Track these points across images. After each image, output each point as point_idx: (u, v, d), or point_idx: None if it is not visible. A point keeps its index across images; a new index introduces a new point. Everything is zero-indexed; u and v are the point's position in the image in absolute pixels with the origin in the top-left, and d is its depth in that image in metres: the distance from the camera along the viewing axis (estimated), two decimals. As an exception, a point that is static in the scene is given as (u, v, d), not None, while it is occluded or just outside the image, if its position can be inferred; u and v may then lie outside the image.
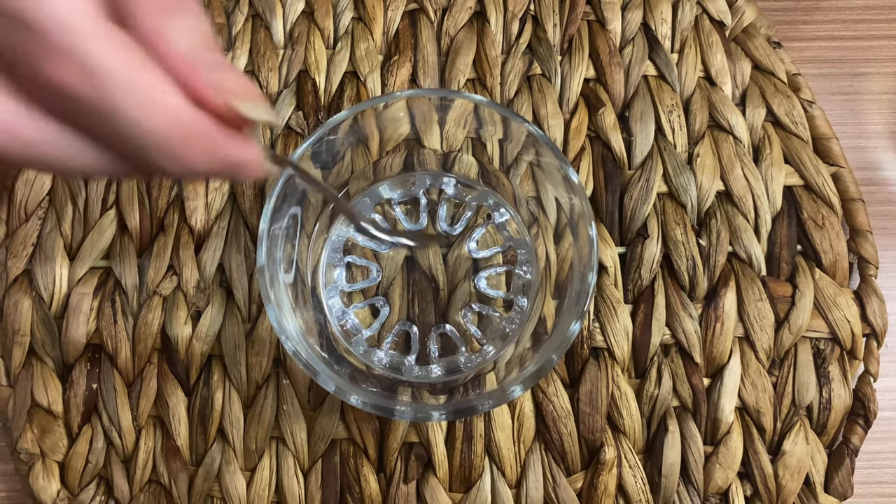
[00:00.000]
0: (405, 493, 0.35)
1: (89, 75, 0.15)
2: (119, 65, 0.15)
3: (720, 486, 0.35)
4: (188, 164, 0.18)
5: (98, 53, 0.15)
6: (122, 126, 0.16)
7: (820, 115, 0.40)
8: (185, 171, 0.18)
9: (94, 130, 0.16)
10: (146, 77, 0.16)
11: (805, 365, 0.36)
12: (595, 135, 0.39)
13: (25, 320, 0.36)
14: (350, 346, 0.35)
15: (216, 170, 0.18)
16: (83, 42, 0.15)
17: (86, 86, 0.15)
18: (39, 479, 0.35)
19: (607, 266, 0.37)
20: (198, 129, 0.17)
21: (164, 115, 0.16)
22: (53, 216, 0.38)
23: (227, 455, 0.35)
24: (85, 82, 0.15)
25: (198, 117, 0.17)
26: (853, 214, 0.38)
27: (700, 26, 0.41)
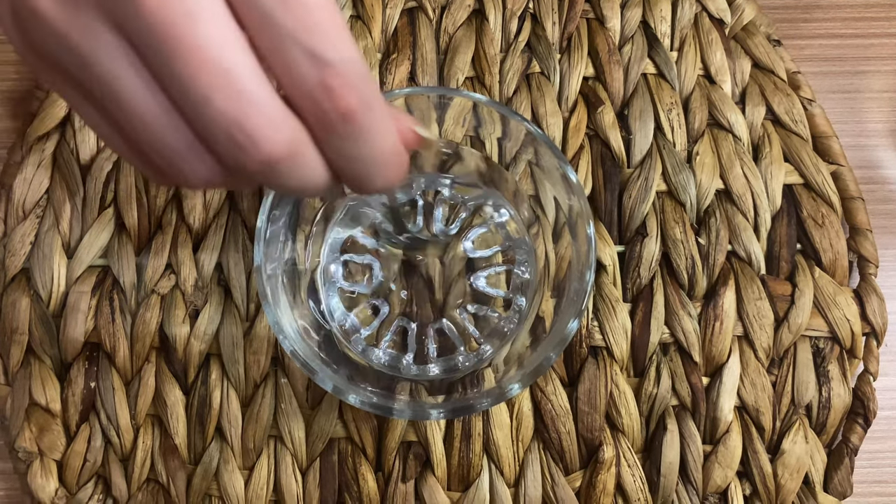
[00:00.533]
0: (403, 492, 0.35)
1: (369, 107, 0.18)
2: (380, 98, 0.19)
3: (719, 486, 0.35)
4: (388, 183, 0.21)
5: (374, 88, 0.19)
6: (365, 149, 0.19)
7: (820, 113, 0.40)
8: (385, 187, 0.21)
9: (339, 152, 0.19)
10: (388, 110, 0.20)
11: (804, 364, 0.36)
12: (594, 133, 0.39)
13: (23, 319, 0.36)
14: (349, 345, 0.35)
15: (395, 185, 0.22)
16: (367, 78, 0.18)
17: (365, 115, 0.18)
18: (37, 477, 0.35)
19: (606, 265, 0.37)
20: (402, 154, 0.21)
21: (394, 141, 0.20)
22: (51, 214, 0.38)
23: (225, 454, 0.35)
24: (365, 111, 0.18)
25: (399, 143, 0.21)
26: (853, 213, 0.38)
27: (699, 24, 0.41)
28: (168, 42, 0.16)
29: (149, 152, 0.18)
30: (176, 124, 0.17)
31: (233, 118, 0.17)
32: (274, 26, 0.17)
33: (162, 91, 0.17)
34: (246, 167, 0.18)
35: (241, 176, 0.19)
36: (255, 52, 0.17)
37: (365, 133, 0.19)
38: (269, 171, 0.18)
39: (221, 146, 0.17)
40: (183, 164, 0.18)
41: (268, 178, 0.19)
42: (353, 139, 0.19)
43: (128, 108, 0.17)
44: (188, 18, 0.16)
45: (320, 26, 0.17)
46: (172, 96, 0.17)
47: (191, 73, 0.16)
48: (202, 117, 0.17)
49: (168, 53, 0.16)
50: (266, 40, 0.17)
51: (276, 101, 0.17)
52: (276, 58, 0.17)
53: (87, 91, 0.18)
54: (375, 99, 0.19)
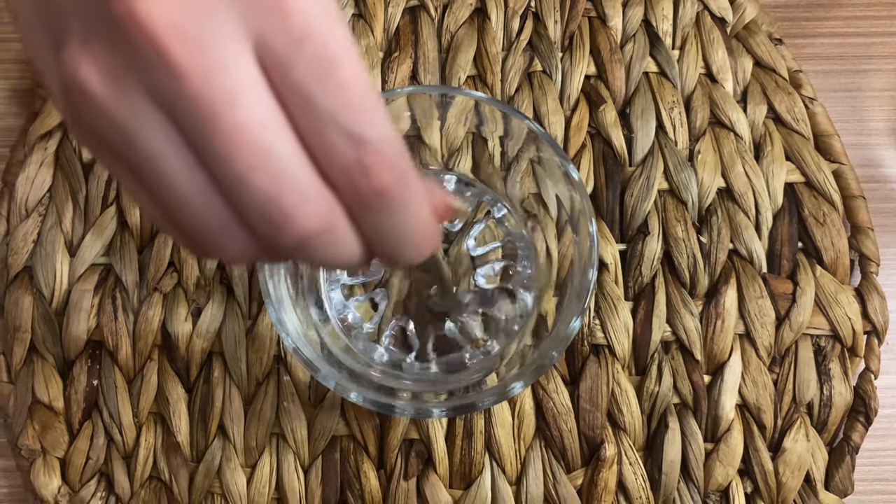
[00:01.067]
0: (405, 489, 0.35)
1: (404, 183, 0.19)
2: (414, 173, 0.19)
3: (720, 484, 0.35)
4: (421, 256, 0.22)
5: (409, 165, 0.19)
6: (400, 224, 0.20)
7: (821, 111, 0.40)
8: (416, 259, 0.22)
9: (374, 227, 0.20)
10: (421, 185, 0.20)
11: (806, 362, 0.36)
12: (596, 132, 0.39)
13: (26, 317, 0.36)
14: (350, 343, 0.35)
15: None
16: (403, 156, 0.19)
17: (400, 192, 0.19)
18: (40, 475, 0.35)
19: (608, 263, 0.37)
20: (435, 226, 0.22)
21: (427, 215, 0.21)
22: (54, 213, 0.38)
23: (227, 452, 0.35)
24: (401, 188, 0.19)
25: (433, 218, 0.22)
26: (854, 211, 0.38)
27: (701, 23, 0.41)
28: (209, 122, 0.16)
29: (187, 228, 0.19)
30: (213, 202, 0.18)
31: (268, 196, 0.17)
32: (312, 106, 0.17)
33: (201, 169, 0.17)
34: (281, 243, 0.18)
35: (276, 252, 0.19)
36: (293, 130, 0.17)
37: (400, 209, 0.19)
38: (304, 247, 0.18)
39: (257, 223, 0.18)
40: (220, 239, 0.19)
41: (302, 254, 0.19)
42: (388, 215, 0.19)
43: (168, 185, 0.18)
44: (230, 99, 0.16)
45: (357, 106, 0.17)
46: (211, 174, 0.17)
47: (230, 152, 0.16)
48: (239, 195, 0.17)
49: (209, 133, 0.16)
50: (304, 120, 0.17)
51: (313, 179, 0.18)
52: (314, 136, 0.18)
53: (130, 166, 0.18)
54: (411, 175, 0.19)
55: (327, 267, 0.20)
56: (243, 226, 0.18)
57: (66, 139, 0.39)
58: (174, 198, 0.18)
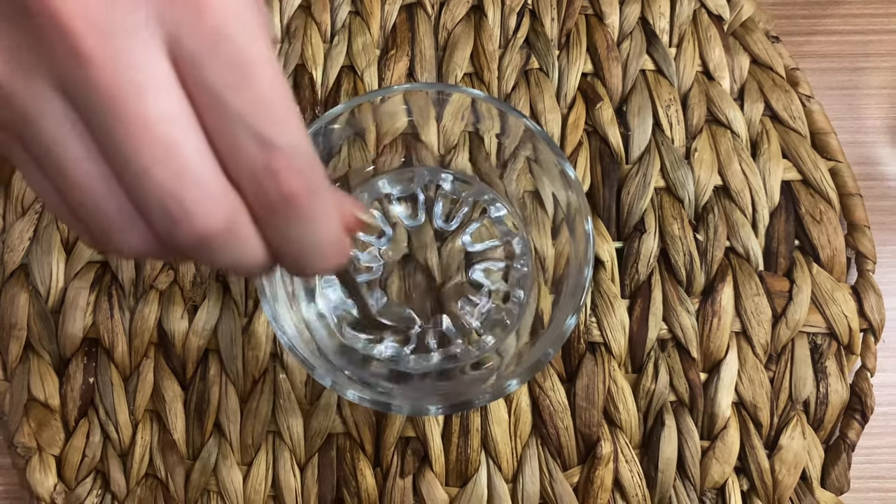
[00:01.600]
0: (402, 487, 0.35)
1: (313, 192, 0.18)
2: (325, 184, 0.19)
3: (717, 481, 0.35)
4: (327, 268, 0.21)
5: (319, 174, 0.19)
6: (307, 234, 0.19)
7: (818, 109, 0.40)
8: (322, 271, 0.21)
9: (280, 235, 0.19)
10: (331, 196, 0.20)
11: (802, 360, 0.36)
12: (592, 129, 0.39)
13: (22, 314, 0.36)
14: (347, 340, 0.35)
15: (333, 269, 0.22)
16: (313, 164, 0.19)
17: (308, 200, 0.18)
18: (36, 472, 0.35)
19: (604, 261, 0.37)
20: (343, 240, 0.22)
21: (336, 227, 0.21)
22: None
23: (223, 449, 0.35)
24: (309, 196, 0.18)
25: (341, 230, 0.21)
26: (851, 209, 0.38)
27: (698, 20, 0.41)
28: (113, 112, 0.16)
29: (84, 218, 0.18)
30: (114, 194, 0.18)
31: (169, 191, 0.17)
32: (223, 107, 0.17)
33: (103, 160, 0.17)
34: (179, 241, 0.18)
35: (175, 249, 0.19)
36: (202, 130, 0.17)
37: (307, 218, 0.19)
38: (203, 247, 0.18)
39: (156, 218, 0.17)
40: (117, 233, 0.18)
41: (201, 254, 0.19)
42: (294, 223, 0.19)
43: (68, 175, 0.17)
44: (136, 91, 0.16)
45: (269, 110, 0.17)
46: (113, 165, 0.17)
47: (132, 144, 0.16)
48: (139, 188, 0.17)
49: (112, 124, 0.16)
50: (213, 119, 0.17)
51: (218, 178, 0.17)
52: (223, 137, 0.17)
53: (31, 155, 0.18)
54: (321, 185, 0.19)
55: (227, 270, 0.20)
56: (143, 220, 0.18)
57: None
58: (74, 188, 0.18)
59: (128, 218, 0.18)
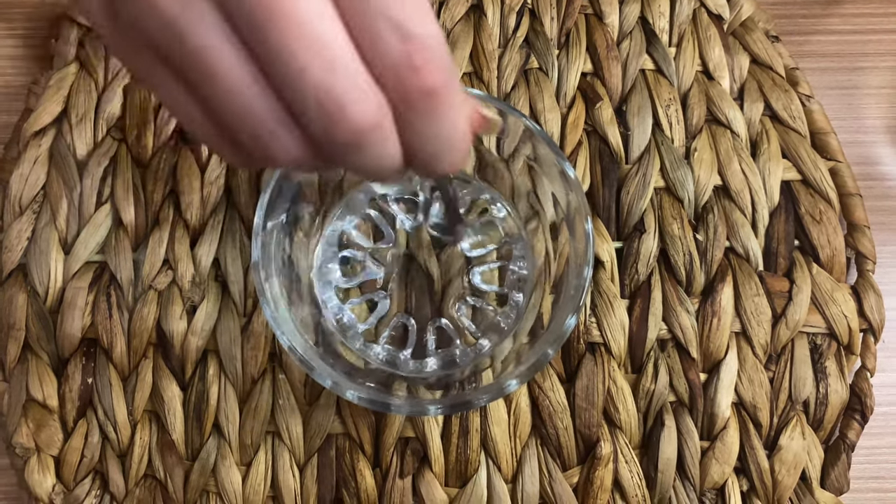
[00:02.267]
0: (401, 487, 0.35)
1: (449, 86, 0.19)
2: (458, 77, 0.20)
3: (716, 482, 0.35)
4: (455, 166, 0.21)
5: (454, 68, 0.19)
6: (442, 128, 0.20)
7: (818, 109, 0.40)
8: (450, 169, 0.21)
9: (417, 130, 0.19)
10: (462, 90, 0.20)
11: (802, 360, 0.36)
12: (592, 129, 0.39)
13: (20, 315, 0.36)
14: (346, 341, 0.35)
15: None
16: (448, 57, 0.19)
17: (446, 94, 0.19)
18: (35, 473, 0.35)
19: (604, 261, 0.37)
20: (469, 135, 0.21)
21: (466, 122, 0.21)
22: (48, 210, 0.38)
23: (222, 450, 0.35)
24: (447, 90, 0.19)
25: None
26: (851, 209, 0.38)
27: (698, 20, 0.41)
28: (265, 11, 0.16)
29: (237, 128, 0.19)
30: (267, 95, 0.18)
31: (325, 87, 0.17)
32: (363, 0, 0.17)
33: (254, 62, 0.17)
34: (335, 138, 0.18)
35: (328, 150, 0.19)
36: (345, 25, 0.17)
37: (444, 112, 0.19)
38: (354, 145, 0.18)
39: (312, 116, 0.18)
40: (271, 137, 0.19)
41: (351, 154, 0.19)
42: (432, 117, 0.19)
43: (220, 80, 0.18)
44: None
45: (406, 1, 0.18)
46: (265, 66, 0.17)
47: (286, 43, 0.17)
48: (295, 86, 0.17)
49: (264, 23, 0.16)
50: (355, 14, 0.17)
51: (366, 75, 0.18)
52: (364, 31, 0.17)
53: (176, 66, 0.18)
54: (455, 79, 0.19)
55: (364, 173, 0.21)
56: (295, 123, 0.18)
57: (60, 136, 0.39)
58: (226, 95, 0.18)
59: (282, 121, 0.18)
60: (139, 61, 0.19)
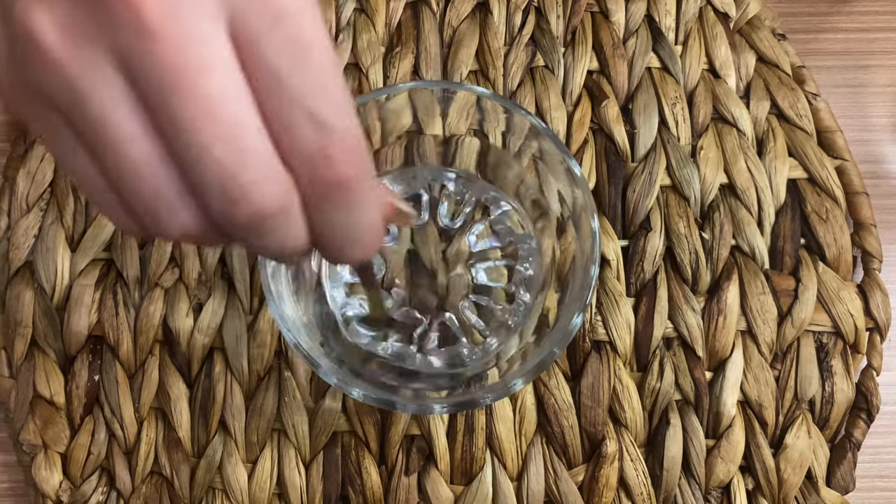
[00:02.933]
0: (406, 485, 0.35)
1: (363, 178, 0.19)
2: (372, 171, 0.20)
3: (722, 480, 0.35)
4: (364, 255, 0.21)
5: (368, 160, 0.19)
6: (353, 219, 0.20)
7: (824, 107, 0.39)
8: (359, 259, 0.21)
9: (326, 219, 0.19)
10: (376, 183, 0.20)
11: (808, 359, 0.36)
12: (598, 127, 0.39)
13: (27, 312, 0.36)
14: (353, 338, 0.35)
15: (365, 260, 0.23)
16: (364, 150, 0.19)
17: (359, 186, 0.19)
18: (42, 470, 0.35)
19: (610, 259, 0.37)
20: (381, 227, 0.22)
21: (378, 214, 0.21)
22: (55, 208, 0.38)
23: (228, 447, 0.35)
24: (359, 183, 0.19)
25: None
26: (857, 208, 0.38)
27: (704, 18, 0.41)
28: (176, 88, 0.16)
29: (131, 199, 0.18)
30: (167, 172, 0.17)
31: (229, 170, 0.17)
32: (281, 87, 0.17)
33: (158, 137, 0.17)
34: (233, 220, 0.18)
35: (224, 230, 0.18)
36: (259, 110, 0.17)
37: (355, 204, 0.19)
38: (255, 228, 0.18)
39: (213, 197, 0.17)
40: (168, 213, 0.18)
41: (250, 235, 0.18)
42: (342, 209, 0.19)
43: (119, 152, 0.17)
44: (201, 68, 0.16)
45: (326, 92, 0.17)
46: (170, 143, 0.17)
47: (195, 122, 0.16)
48: (198, 166, 0.17)
49: (174, 100, 0.16)
50: (272, 101, 0.17)
51: (275, 160, 0.18)
52: (280, 118, 0.17)
53: (77, 131, 0.17)
54: (369, 171, 0.19)
55: (265, 254, 0.20)
56: (195, 200, 0.18)
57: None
58: (125, 167, 0.17)
59: (180, 198, 0.18)
60: (40, 118, 0.18)
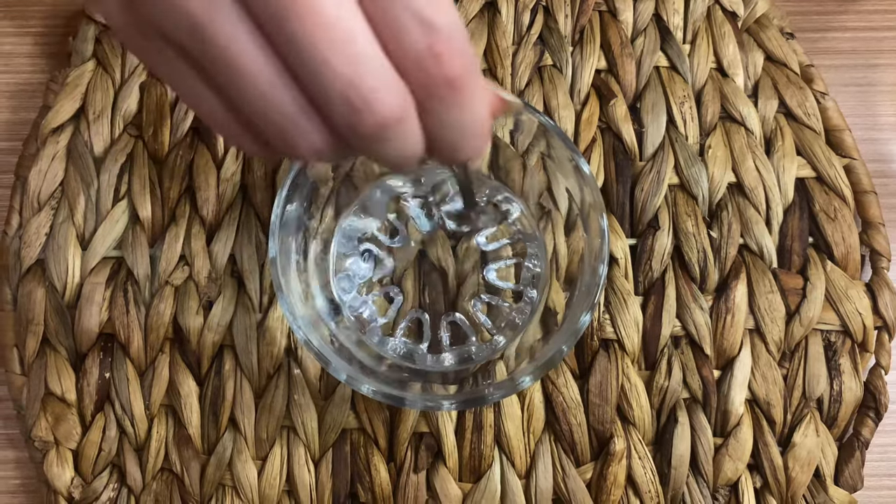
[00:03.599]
0: (415, 482, 0.35)
1: (471, 74, 0.19)
2: (478, 66, 0.20)
3: (730, 478, 0.35)
4: (477, 152, 0.21)
5: (474, 56, 0.20)
6: (464, 116, 0.19)
7: (833, 106, 0.39)
8: (471, 157, 0.21)
9: (439, 119, 0.19)
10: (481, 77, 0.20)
11: (816, 357, 0.36)
12: (606, 126, 0.39)
13: (39, 310, 0.37)
14: (363, 336, 0.35)
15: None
16: (469, 46, 0.19)
17: (468, 83, 0.19)
18: (53, 466, 0.35)
19: (618, 257, 0.37)
20: (489, 120, 0.21)
21: (486, 109, 0.21)
22: (66, 206, 0.38)
23: (238, 444, 0.35)
24: (468, 78, 0.19)
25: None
26: (865, 207, 0.38)
27: (712, 17, 0.41)
28: (288, 5, 0.16)
29: (260, 121, 0.19)
30: (290, 89, 0.18)
31: (349, 80, 0.17)
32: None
33: (277, 55, 0.17)
34: (359, 131, 0.18)
35: (351, 142, 0.19)
36: (367, 17, 0.17)
37: (466, 100, 0.19)
38: (378, 137, 0.18)
39: (336, 109, 0.18)
40: (295, 130, 0.19)
41: (374, 146, 0.19)
42: (455, 106, 0.19)
43: (242, 74, 0.18)
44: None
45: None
46: (288, 60, 0.17)
47: (310, 36, 0.16)
48: (319, 80, 0.17)
49: (287, 16, 0.16)
50: (376, 5, 0.17)
51: (389, 66, 0.18)
52: (386, 23, 0.17)
53: (196, 62, 0.18)
54: (476, 66, 0.19)
55: (387, 163, 0.21)
56: (318, 116, 0.18)
57: (77, 133, 0.39)
58: (248, 89, 0.18)
59: (305, 114, 0.18)
60: (158, 59, 0.19)
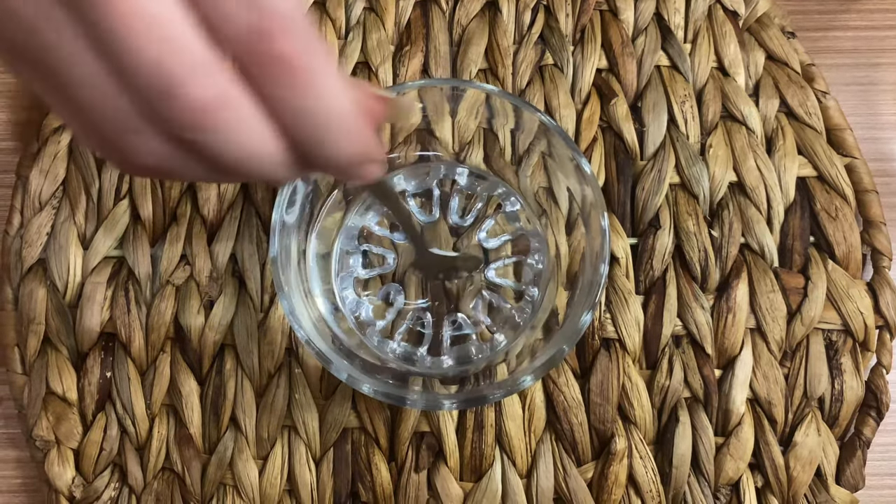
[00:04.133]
0: (416, 482, 0.35)
1: (309, 53, 0.17)
2: (324, 51, 0.18)
3: (731, 478, 0.35)
4: (353, 153, 0.20)
5: (317, 42, 0.18)
6: (311, 102, 0.18)
7: (834, 105, 0.39)
8: (347, 160, 0.20)
9: (284, 105, 0.18)
10: (338, 70, 0.19)
11: (817, 356, 0.36)
12: (607, 125, 0.39)
13: (40, 309, 0.37)
14: (363, 337, 0.35)
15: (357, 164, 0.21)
16: (308, 30, 0.18)
17: (306, 61, 0.17)
18: (55, 465, 0.35)
19: (619, 257, 0.37)
20: (365, 126, 0.20)
21: (349, 103, 0.19)
22: (67, 206, 0.38)
23: (239, 443, 0.35)
24: (305, 57, 0.17)
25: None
26: (867, 206, 0.38)
27: (713, 16, 0.41)
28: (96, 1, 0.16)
29: (101, 128, 0.18)
30: (115, 88, 0.17)
31: (157, 62, 0.16)
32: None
33: (98, 57, 0.17)
34: (181, 122, 0.17)
35: (181, 137, 0.18)
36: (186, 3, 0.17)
37: (311, 86, 0.18)
38: (201, 126, 0.17)
39: (154, 101, 0.17)
40: (128, 134, 0.18)
41: (204, 139, 0.17)
42: (295, 89, 0.18)
43: (69, 80, 0.17)
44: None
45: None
46: (109, 56, 0.17)
47: (115, 21, 0.16)
48: (134, 73, 0.16)
49: (97, 11, 0.16)
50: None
51: (207, 50, 0.17)
52: (213, 10, 0.17)
53: (48, 76, 0.17)
54: (319, 50, 0.18)
55: (238, 164, 0.19)
56: (145, 117, 0.17)
57: (79, 132, 0.39)
58: (82, 97, 0.17)
59: (136, 116, 0.17)
60: (25, 74, 0.18)
